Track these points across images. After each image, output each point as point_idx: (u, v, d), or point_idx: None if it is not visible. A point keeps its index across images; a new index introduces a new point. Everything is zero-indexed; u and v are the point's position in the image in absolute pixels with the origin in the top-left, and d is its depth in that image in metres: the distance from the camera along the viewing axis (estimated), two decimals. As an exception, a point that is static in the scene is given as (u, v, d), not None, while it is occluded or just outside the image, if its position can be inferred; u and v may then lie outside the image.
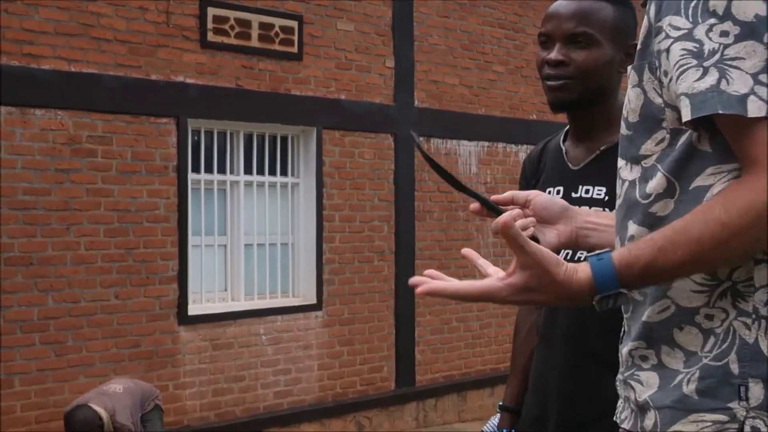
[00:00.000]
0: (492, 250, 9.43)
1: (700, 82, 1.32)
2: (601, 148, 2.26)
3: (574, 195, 2.25)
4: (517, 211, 1.73)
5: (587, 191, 2.25)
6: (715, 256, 1.31)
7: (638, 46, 1.47)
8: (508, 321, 9.77)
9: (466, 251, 1.53)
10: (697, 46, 1.34)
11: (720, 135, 1.35)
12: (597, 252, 1.38)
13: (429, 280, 1.43)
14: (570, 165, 2.31)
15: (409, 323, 8.98)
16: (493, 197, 1.74)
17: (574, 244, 1.78)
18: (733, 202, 1.30)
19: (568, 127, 2.38)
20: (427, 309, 9.16)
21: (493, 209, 1.70)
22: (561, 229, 1.76)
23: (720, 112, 1.30)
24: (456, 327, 9.44)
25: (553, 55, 2.23)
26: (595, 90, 2.24)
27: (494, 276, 1.41)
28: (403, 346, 8.93)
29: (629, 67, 1.49)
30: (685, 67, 1.34)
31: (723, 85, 1.30)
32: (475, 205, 1.70)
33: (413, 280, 1.43)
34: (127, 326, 7.08)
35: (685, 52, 1.35)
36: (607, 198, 2.20)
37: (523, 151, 10.04)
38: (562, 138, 2.39)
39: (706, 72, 1.32)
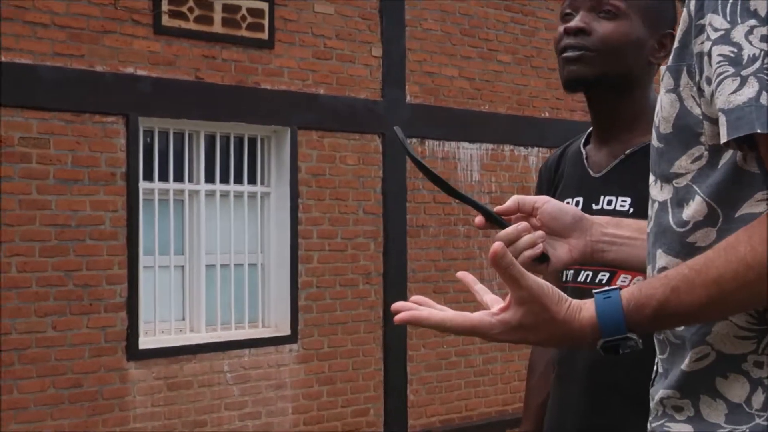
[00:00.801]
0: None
1: (736, 95, 1.31)
2: (627, 151, 2.26)
3: (594, 207, 2.26)
4: (523, 225, 1.72)
5: (609, 202, 2.26)
6: (738, 299, 1.32)
7: (675, 44, 1.46)
8: (518, 355, 9.77)
9: (462, 274, 1.54)
10: (735, 51, 1.33)
11: None
12: (605, 289, 1.40)
13: (414, 306, 1.45)
14: (591, 172, 2.32)
15: (400, 358, 8.97)
16: (497, 208, 1.74)
17: (589, 260, 1.78)
18: (761, 240, 1.29)
19: (591, 129, 2.39)
20: (422, 341, 9.15)
21: (496, 221, 1.70)
22: (573, 243, 1.76)
23: (758, 131, 1.28)
24: (455, 362, 9.43)
25: (574, 22, 2.24)
26: (619, 72, 2.24)
27: (488, 308, 1.43)
28: (393, 384, 8.92)
29: (663, 68, 1.48)
30: (722, 76, 1.33)
31: (764, 99, 1.29)
32: (480, 219, 1.71)
33: (395, 305, 1.44)
34: (66, 362, 7.05)
35: (721, 58, 1.34)
36: (632, 210, 2.20)
37: (533, 155, 10.06)
38: (583, 141, 2.40)
39: (744, 82, 1.31)
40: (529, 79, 10.10)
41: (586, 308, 1.39)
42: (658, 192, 1.49)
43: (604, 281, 2.23)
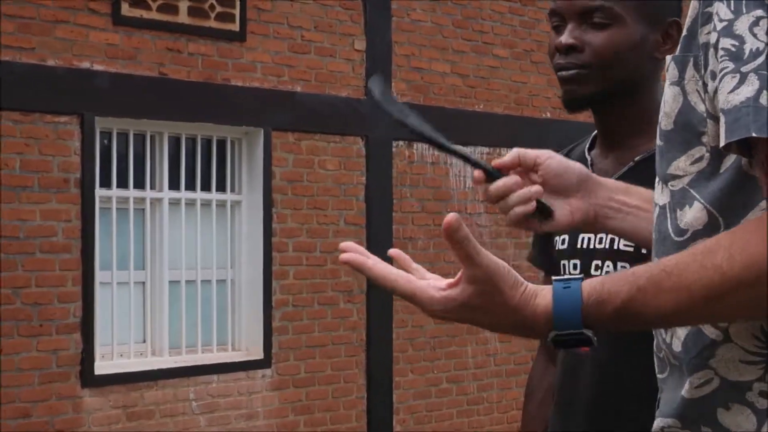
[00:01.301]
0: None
1: (734, 94, 1.30)
2: (636, 158, 2.27)
3: None
4: (514, 178, 1.72)
5: None
6: (708, 311, 1.33)
7: (684, 32, 1.46)
8: (515, 381, 9.77)
9: (395, 252, 1.57)
10: (737, 44, 1.32)
11: None
12: (566, 278, 1.40)
13: (364, 252, 1.48)
14: None
15: (385, 384, 8.96)
16: (496, 162, 1.74)
17: (591, 225, 1.78)
18: (742, 249, 1.29)
19: (596, 132, 2.40)
20: (409, 365, 9.15)
21: (492, 176, 1.70)
22: (575, 204, 1.77)
23: (754, 135, 1.28)
24: (447, 389, 9.43)
25: (563, 38, 2.24)
26: (621, 82, 2.25)
27: (432, 283, 1.45)
28: (378, 414, 8.91)
29: (668, 58, 1.48)
30: (723, 72, 1.33)
31: (764, 99, 1.28)
32: (478, 173, 1.71)
33: (344, 244, 1.48)
34: (13, 389, 7.01)
35: (723, 52, 1.33)
36: None
37: (533, 160, 10.08)
38: (588, 145, 2.41)
39: (743, 80, 1.31)
40: (528, 76, 10.12)
41: (542, 296, 1.39)
42: (659, 195, 1.50)
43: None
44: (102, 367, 7.48)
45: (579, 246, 2.33)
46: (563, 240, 2.38)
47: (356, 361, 8.82)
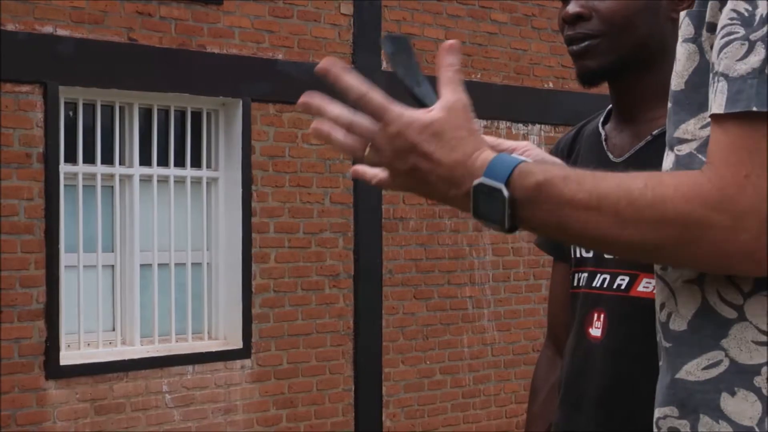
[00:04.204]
0: (491, 273, 9.44)
1: (741, 63, 1.33)
2: (654, 132, 2.27)
3: None
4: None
5: None
6: (607, 228, 1.40)
7: None
8: (514, 373, 9.80)
9: (328, 62, 1.69)
10: (749, 8, 1.35)
11: None
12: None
13: (342, 65, 1.62)
14: (611, 156, 2.33)
15: (374, 376, 8.99)
16: None
17: None
18: (657, 187, 1.38)
19: (611, 106, 2.40)
20: (400, 356, 9.16)
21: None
22: None
23: (754, 109, 1.32)
24: (440, 381, 9.46)
25: (570, 7, 2.25)
26: (637, 49, 2.25)
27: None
28: (366, 408, 8.93)
29: (683, 14, 1.49)
30: (731, 37, 1.35)
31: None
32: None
33: (323, 63, 1.63)
34: (-28, 382, 7.02)
35: (735, 14, 1.35)
36: None
37: (534, 134, 10.09)
38: (602, 119, 2.41)
39: (751, 48, 1.33)
40: (529, 43, 10.12)
41: (490, 150, 1.52)
42: (665, 160, 1.52)
43: (623, 286, 2.24)
44: (68, 357, 7.48)
45: None
46: None
47: (343, 350, 8.83)
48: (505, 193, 1.45)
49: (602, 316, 2.27)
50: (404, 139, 1.52)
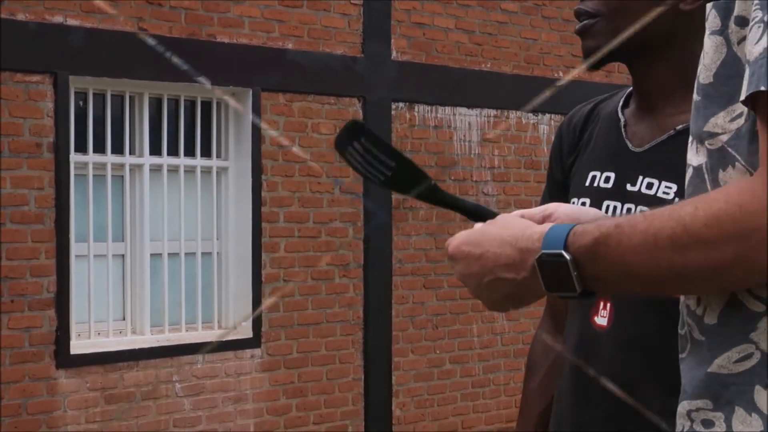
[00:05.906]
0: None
1: (757, 45, 1.33)
2: (678, 126, 2.21)
3: (630, 187, 2.22)
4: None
5: (650, 186, 2.21)
6: (670, 261, 1.40)
7: None
8: (524, 362, 9.79)
9: None
10: None
11: None
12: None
13: None
14: (629, 144, 2.28)
15: (383, 365, 8.99)
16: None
17: None
18: (708, 205, 1.36)
19: (631, 89, 2.36)
20: (410, 345, 9.17)
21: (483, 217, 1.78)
22: None
23: (762, 89, 1.32)
24: (450, 370, 9.46)
25: None
26: (636, 36, 2.21)
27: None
28: (376, 397, 8.94)
29: (708, 6, 1.48)
30: (754, 21, 1.35)
31: None
32: None
33: None
34: (-17, 371, 7.04)
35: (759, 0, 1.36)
36: (677, 200, 2.13)
37: (544, 123, 10.07)
38: (621, 102, 2.36)
39: (766, 29, 1.33)
40: (539, 32, 10.10)
41: (544, 225, 1.58)
42: (693, 155, 1.50)
43: None
44: (78, 346, 7.49)
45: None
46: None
47: (352, 340, 8.84)
48: (567, 255, 1.48)
49: (608, 305, 2.24)
50: (453, 252, 1.63)
